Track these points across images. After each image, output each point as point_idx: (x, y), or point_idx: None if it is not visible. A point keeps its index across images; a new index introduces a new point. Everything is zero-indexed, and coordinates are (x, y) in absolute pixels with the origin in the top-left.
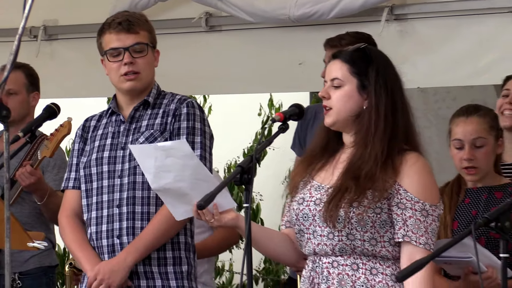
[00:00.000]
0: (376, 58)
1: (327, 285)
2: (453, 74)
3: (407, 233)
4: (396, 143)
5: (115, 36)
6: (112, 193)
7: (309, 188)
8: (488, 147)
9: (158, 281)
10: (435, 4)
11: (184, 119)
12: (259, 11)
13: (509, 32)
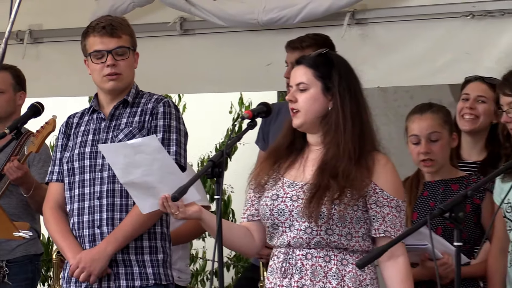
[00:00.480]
0: (337, 62)
1: (301, 276)
2: (411, 74)
3: (387, 229)
4: (365, 142)
5: (99, 39)
6: (93, 186)
7: (281, 185)
8: (442, 141)
9: (136, 268)
10: (394, 9)
11: (160, 117)
12: (230, 16)
13: (461, 35)
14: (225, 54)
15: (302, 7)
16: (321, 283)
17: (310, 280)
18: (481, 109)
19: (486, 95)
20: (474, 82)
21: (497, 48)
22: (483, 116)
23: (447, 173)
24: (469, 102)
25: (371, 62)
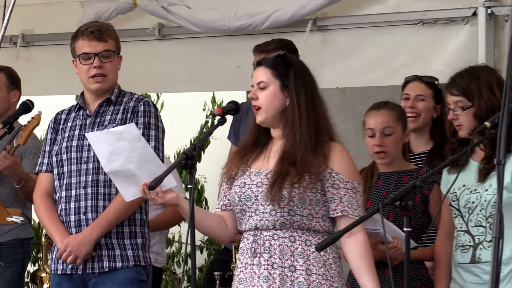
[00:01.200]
0: (294, 63)
1: (270, 255)
2: (367, 76)
3: (344, 208)
4: (321, 132)
5: (87, 43)
6: (79, 176)
7: (248, 174)
8: (395, 135)
9: (117, 251)
10: (352, 17)
11: (141, 115)
12: (203, 22)
13: (413, 41)
14: (199, 57)
15: (268, 15)
16: (289, 261)
17: (279, 259)
18: (421, 107)
19: (424, 93)
20: (413, 82)
21: (445, 52)
22: (423, 113)
23: (399, 165)
24: (410, 102)
25: (331, 65)
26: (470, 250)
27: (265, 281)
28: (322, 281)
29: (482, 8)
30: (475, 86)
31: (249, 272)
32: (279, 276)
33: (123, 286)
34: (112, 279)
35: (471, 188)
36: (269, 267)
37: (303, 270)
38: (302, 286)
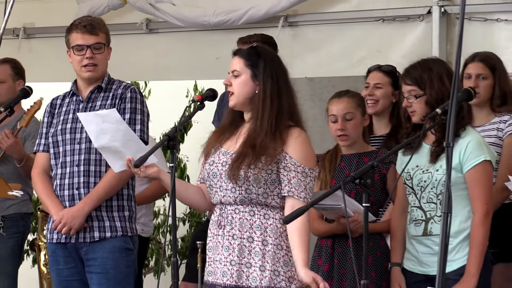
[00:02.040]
0: (264, 54)
1: (231, 227)
2: (333, 67)
3: (291, 189)
4: (282, 119)
5: (81, 36)
6: (72, 156)
7: (218, 154)
8: (355, 120)
9: (107, 222)
10: (320, 14)
11: (128, 101)
12: (187, 18)
13: (374, 36)
14: (183, 49)
15: (244, 11)
16: (248, 233)
17: (239, 231)
18: (379, 94)
19: (381, 81)
20: (373, 71)
21: (403, 46)
22: (381, 99)
23: (360, 148)
24: (369, 90)
25: (300, 57)
26: (422, 224)
27: (226, 250)
28: (276, 251)
29: (436, 7)
30: (427, 76)
31: (215, 242)
32: (238, 246)
33: (112, 253)
34: (102, 248)
35: (423, 169)
36: (230, 238)
37: (259, 241)
38: (258, 255)
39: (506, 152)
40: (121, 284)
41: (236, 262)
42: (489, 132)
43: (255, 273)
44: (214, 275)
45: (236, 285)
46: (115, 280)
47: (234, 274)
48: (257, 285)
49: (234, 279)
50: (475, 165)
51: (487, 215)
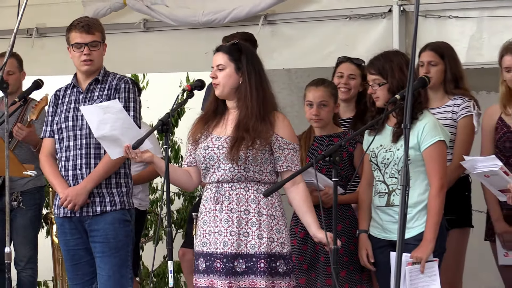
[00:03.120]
0: (245, 50)
1: (229, 202)
2: (307, 59)
3: (289, 164)
4: (267, 105)
5: (79, 35)
6: (75, 140)
7: (210, 139)
8: (329, 107)
9: (107, 198)
10: (294, 13)
11: (122, 91)
12: (178, 18)
13: (341, 32)
14: (176, 45)
15: (229, 12)
16: (244, 206)
17: (236, 205)
18: (352, 83)
19: (355, 73)
20: (345, 63)
21: (367, 41)
22: (353, 88)
23: (331, 129)
24: (344, 79)
25: (278, 51)
26: (386, 196)
27: (225, 223)
28: (269, 220)
29: (396, 6)
30: (389, 67)
31: (212, 216)
32: (237, 218)
33: (112, 225)
34: (103, 220)
35: (386, 148)
36: (228, 211)
37: (255, 213)
38: (254, 225)
39: (460, 134)
40: (120, 251)
41: (235, 232)
42: (445, 114)
43: (253, 241)
44: (211, 245)
45: (236, 253)
46: (115, 248)
47: (234, 243)
48: (256, 251)
49: (235, 247)
50: (431, 144)
51: (442, 188)
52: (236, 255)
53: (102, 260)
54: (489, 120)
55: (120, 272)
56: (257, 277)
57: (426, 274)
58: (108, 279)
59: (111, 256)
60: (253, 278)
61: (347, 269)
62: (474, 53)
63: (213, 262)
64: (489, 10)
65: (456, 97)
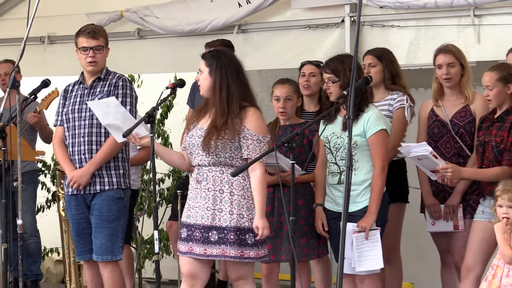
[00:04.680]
0: (218, 55)
1: (207, 182)
2: (274, 62)
3: (249, 153)
4: (233, 102)
5: (85, 39)
6: (79, 129)
7: (195, 129)
8: (292, 101)
9: (106, 178)
10: (264, 23)
11: (120, 88)
12: (167, 27)
13: (302, 39)
14: (164, 50)
15: (209, 22)
16: (219, 186)
17: (212, 185)
18: (312, 81)
19: (314, 71)
20: (307, 65)
21: (324, 46)
22: (313, 85)
23: (293, 120)
24: (305, 78)
25: (250, 55)
26: (337, 175)
27: (203, 200)
28: (241, 199)
29: (348, 17)
30: (341, 67)
31: (194, 193)
32: (212, 196)
33: (108, 201)
34: (101, 197)
35: (337, 135)
36: (206, 190)
37: (228, 193)
38: (227, 202)
39: (394, 122)
40: (112, 223)
41: (211, 208)
42: (384, 106)
43: (225, 216)
44: (193, 218)
45: (211, 225)
46: (108, 220)
47: (209, 217)
48: (227, 225)
49: (210, 220)
50: (375, 132)
51: (383, 169)
52: (211, 227)
53: (97, 230)
54: (424, 111)
55: (112, 241)
56: (227, 246)
57: (370, 240)
58: (101, 246)
59: (104, 227)
60: (223, 247)
61: (306, 237)
62: (413, 57)
63: (193, 231)
64: (424, 20)
65: (394, 93)
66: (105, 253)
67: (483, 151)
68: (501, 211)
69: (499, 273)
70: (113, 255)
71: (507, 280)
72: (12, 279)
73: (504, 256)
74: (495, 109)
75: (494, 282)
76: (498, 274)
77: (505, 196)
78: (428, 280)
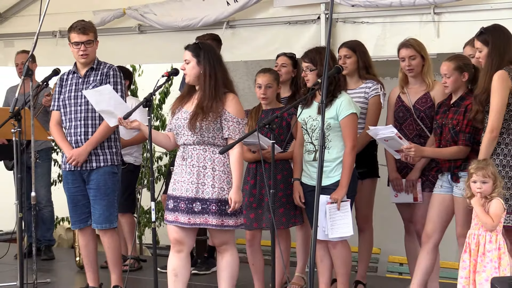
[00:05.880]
0: (203, 48)
1: (191, 159)
2: (258, 54)
3: (230, 133)
4: (218, 88)
5: (76, 35)
6: (75, 114)
7: (181, 113)
8: (273, 88)
9: (101, 156)
10: (249, 19)
11: (111, 76)
12: (164, 23)
13: (283, 34)
14: (162, 43)
15: (201, 18)
16: (202, 163)
17: (196, 161)
18: (283, 71)
19: (286, 62)
20: (281, 56)
21: (302, 40)
22: (284, 74)
23: (274, 105)
24: (277, 68)
25: (238, 48)
26: (313, 153)
27: (188, 175)
28: (222, 174)
29: (323, 14)
30: (318, 58)
31: (180, 169)
32: (196, 172)
33: (104, 176)
34: (97, 172)
35: (313, 118)
36: (190, 166)
37: (210, 168)
38: (209, 177)
39: (370, 108)
40: (109, 195)
41: (195, 182)
42: (360, 94)
43: (208, 189)
44: (178, 191)
45: (195, 197)
46: (105, 193)
47: (193, 190)
48: (209, 197)
49: (194, 193)
50: (346, 115)
51: (353, 148)
52: (194, 199)
53: (95, 202)
54: (392, 98)
55: (109, 211)
56: (209, 216)
57: (341, 210)
58: (99, 216)
59: (101, 199)
60: (206, 217)
61: (284, 207)
62: (380, 49)
63: (179, 203)
64: (390, 17)
65: (368, 81)
66: (104, 222)
67: (440, 133)
68: (475, 186)
69: (482, 241)
70: (110, 223)
71: (490, 246)
72: (28, 244)
73: (486, 225)
74: (450, 95)
75: (479, 249)
76: (481, 242)
77: (479, 173)
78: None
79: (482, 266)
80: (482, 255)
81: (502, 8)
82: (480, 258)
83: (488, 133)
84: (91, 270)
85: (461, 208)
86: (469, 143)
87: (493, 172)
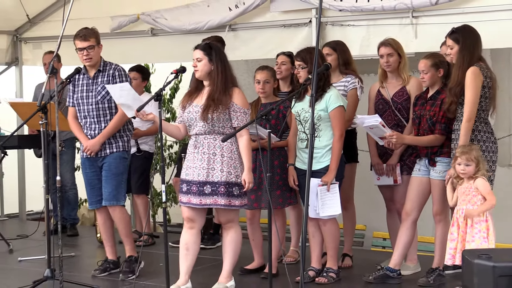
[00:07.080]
0: (213, 47)
1: (203, 147)
2: (256, 53)
3: (238, 123)
4: (228, 83)
5: (79, 42)
6: (87, 111)
7: (192, 106)
8: (270, 84)
9: (113, 144)
10: (249, 23)
11: (117, 77)
12: (173, 27)
13: (279, 36)
14: (172, 45)
15: (206, 22)
16: (212, 150)
17: (207, 149)
18: (283, 68)
19: (285, 60)
20: (280, 55)
21: (295, 41)
22: (284, 71)
23: (271, 99)
24: (277, 66)
25: (238, 48)
26: (305, 141)
27: (199, 161)
28: (229, 161)
29: (314, 18)
30: (309, 57)
31: (192, 156)
32: (207, 158)
33: (116, 159)
34: (110, 157)
35: (306, 110)
36: (202, 153)
37: (219, 155)
38: (218, 162)
39: (350, 100)
40: (118, 176)
41: (205, 167)
42: (340, 87)
43: (217, 173)
44: (190, 175)
45: (205, 181)
46: (115, 174)
47: (204, 174)
48: (219, 180)
49: (204, 177)
50: (335, 108)
51: (341, 136)
52: (205, 182)
53: (106, 181)
54: (373, 91)
55: (117, 190)
56: (218, 197)
57: (330, 192)
58: (109, 194)
59: (112, 179)
60: (215, 198)
61: (281, 189)
62: (365, 49)
63: (191, 186)
64: (373, 20)
65: (348, 76)
66: (112, 199)
67: (419, 123)
68: (459, 168)
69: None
70: (117, 201)
71: (478, 218)
72: (55, 222)
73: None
74: (427, 89)
75: (467, 222)
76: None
77: (464, 156)
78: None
79: (471, 237)
80: (471, 226)
81: (472, 12)
82: (469, 229)
83: (465, 122)
84: (109, 244)
85: (437, 189)
86: (445, 132)
87: (476, 156)
